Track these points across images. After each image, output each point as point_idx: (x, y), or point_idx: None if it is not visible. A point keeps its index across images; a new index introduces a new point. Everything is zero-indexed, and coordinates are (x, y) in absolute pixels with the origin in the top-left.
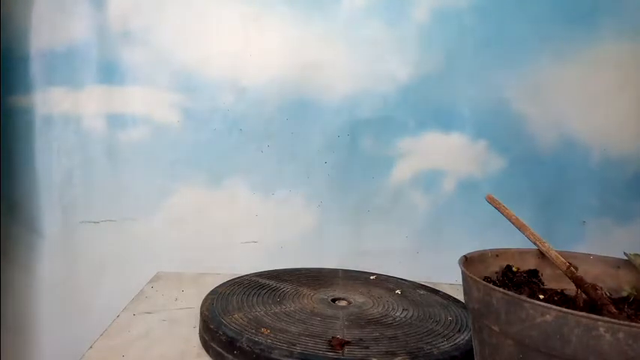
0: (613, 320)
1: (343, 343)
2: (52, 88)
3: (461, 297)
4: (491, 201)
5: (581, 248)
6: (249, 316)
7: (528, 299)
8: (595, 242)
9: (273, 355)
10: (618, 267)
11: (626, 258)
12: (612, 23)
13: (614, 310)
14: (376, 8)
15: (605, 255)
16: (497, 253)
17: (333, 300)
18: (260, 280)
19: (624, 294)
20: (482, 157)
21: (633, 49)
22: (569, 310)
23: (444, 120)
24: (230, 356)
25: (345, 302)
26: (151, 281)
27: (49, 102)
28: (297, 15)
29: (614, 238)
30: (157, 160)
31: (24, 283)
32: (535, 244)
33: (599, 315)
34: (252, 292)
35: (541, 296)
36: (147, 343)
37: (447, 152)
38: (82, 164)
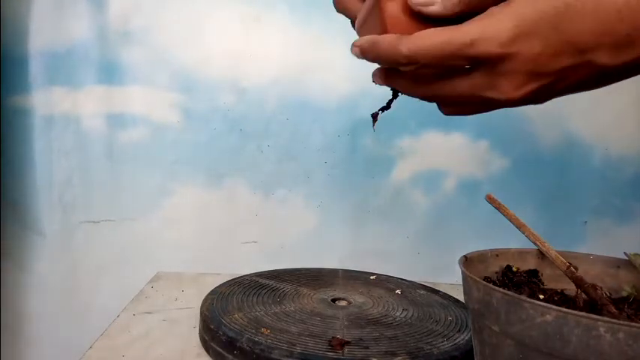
0: (613, 320)
1: (343, 343)
2: (51, 88)
3: (461, 297)
4: (490, 201)
5: (582, 248)
6: (249, 316)
7: (528, 299)
8: (596, 242)
9: (273, 355)
10: (618, 267)
11: (626, 258)
12: None
13: (614, 310)
14: None
15: (606, 255)
16: (497, 253)
17: (333, 300)
18: (260, 280)
19: (624, 294)
20: (483, 156)
21: None
22: (569, 310)
23: (444, 120)
24: (230, 356)
25: (345, 302)
26: (151, 281)
27: (49, 102)
28: (297, 15)
29: (615, 238)
30: (157, 160)
31: (24, 283)
32: (535, 244)
33: (599, 315)
34: (252, 292)
35: (541, 296)
36: (147, 343)
37: (447, 152)
38: (81, 164)
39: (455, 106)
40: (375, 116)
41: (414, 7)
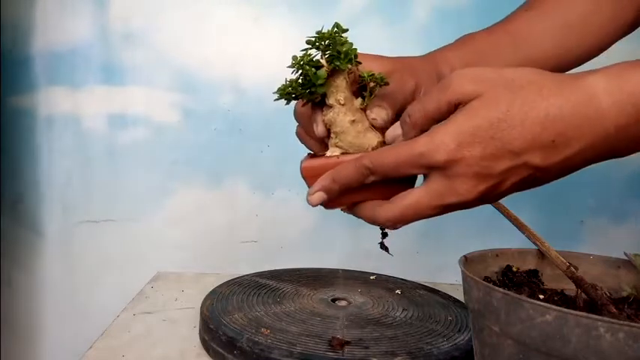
0: (613, 320)
1: (343, 343)
2: (53, 89)
3: (461, 297)
4: None
5: (580, 248)
6: (249, 316)
7: (528, 299)
8: (594, 242)
9: (273, 355)
10: (618, 267)
11: (626, 258)
12: None
13: (614, 310)
14: (376, 7)
15: (604, 254)
16: (497, 253)
17: (333, 300)
18: (260, 280)
19: (624, 294)
20: None
21: (632, 49)
22: (569, 310)
23: None
24: (230, 356)
25: (345, 302)
26: (151, 281)
27: (50, 102)
28: (296, 14)
29: (613, 238)
30: (157, 160)
31: (24, 283)
32: (535, 244)
33: (599, 315)
34: (252, 292)
35: (541, 296)
36: (147, 343)
37: None
38: (82, 164)
39: (418, 220)
40: (384, 247)
41: (394, 141)
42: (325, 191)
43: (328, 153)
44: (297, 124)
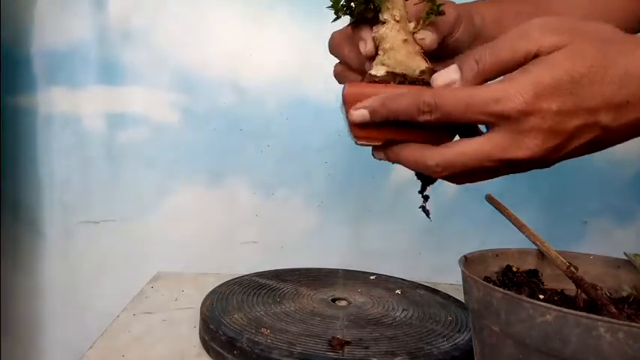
0: (613, 320)
1: (343, 343)
2: (52, 88)
3: (461, 297)
4: (490, 201)
5: (582, 248)
6: (249, 316)
7: (528, 299)
8: (596, 242)
9: (273, 355)
10: (618, 267)
11: (626, 258)
12: None
13: (614, 310)
14: None
15: (605, 255)
16: (497, 253)
17: (333, 300)
18: (260, 280)
19: (624, 294)
20: None
21: None
22: (569, 310)
23: None
24: (230, 356)
25: (345, 302)
26: (151, 281)
27: (50, 102)
28: (296, 14)
29: (614, 238)
30: (157, 160)
31: (24, 283)
32: (535, 244)
33: (599, 315)
34: (252, 292)
35: (541, 296)
36: (147, 343)
37: None
38: (82, 164)
39: (463, 176)
40: (425, 211)
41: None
42: (370, 112)
43: (372, 71)
44: (337, 63)
